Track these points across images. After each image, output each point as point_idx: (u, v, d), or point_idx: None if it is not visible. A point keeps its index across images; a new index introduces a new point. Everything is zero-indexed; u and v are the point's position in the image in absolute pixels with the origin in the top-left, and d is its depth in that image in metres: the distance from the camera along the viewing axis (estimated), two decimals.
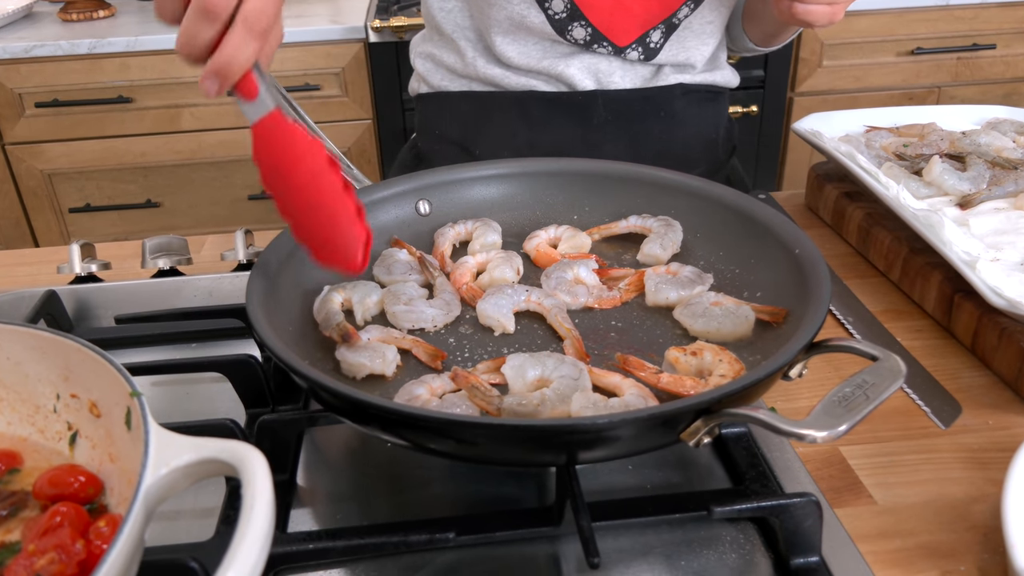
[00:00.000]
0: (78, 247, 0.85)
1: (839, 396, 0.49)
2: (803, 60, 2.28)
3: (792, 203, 1.05)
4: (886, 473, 0.63)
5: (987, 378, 0.73)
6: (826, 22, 0.90)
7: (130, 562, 0.41)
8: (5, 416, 0.58)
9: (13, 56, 2.02)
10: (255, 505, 0.40)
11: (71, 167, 2.18)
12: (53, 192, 2.21)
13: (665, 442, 0.53)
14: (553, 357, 0.59)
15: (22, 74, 2.05)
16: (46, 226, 2.25)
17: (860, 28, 2.24)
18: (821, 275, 0.63)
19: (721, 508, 0.53)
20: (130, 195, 2.24)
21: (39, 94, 2.08)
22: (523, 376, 0.58)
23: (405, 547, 0.52)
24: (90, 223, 2.27)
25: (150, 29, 2.11)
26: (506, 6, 0.98)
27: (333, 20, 2.15)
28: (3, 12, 2.14)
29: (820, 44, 2.25)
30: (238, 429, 0.61)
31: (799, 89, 2.32)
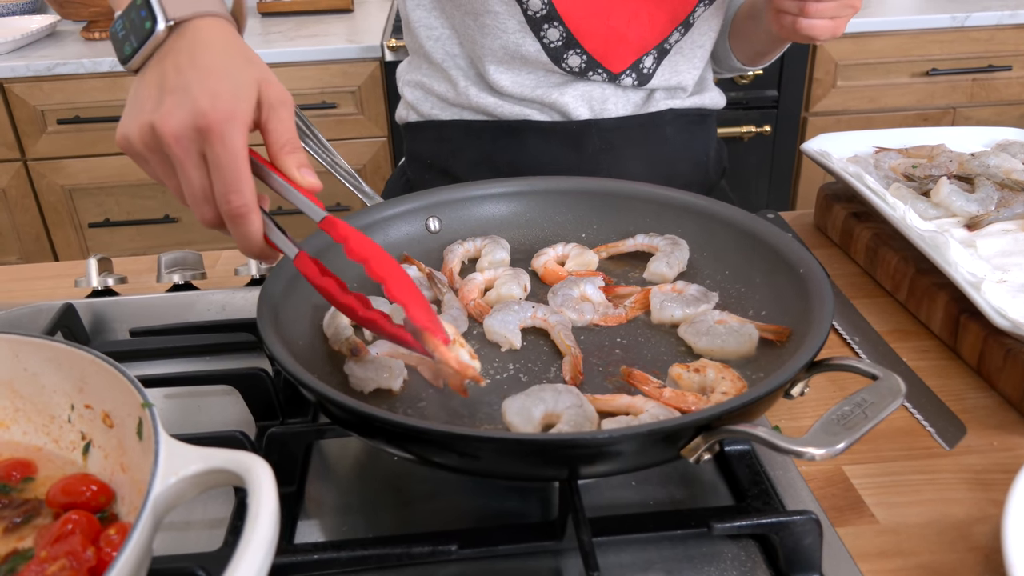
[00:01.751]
0: (95, 261, 0.87)
1: (838, 414, 0.50)
2: (817, 80, 2.28)
3: (801, 222, 1.06)
4: (888, 493, 0.63)
5: (992, 399, 0.73)
6: (828, 36, 0.92)
7: (137, 569, 0.42)
8: (21, 426, 0.59)
9: (36, 74, 2.07)
10: (260, 515, 0.41)
11: (91, 183, 2.22)
12: (73, 207, 2.25)
13: (666, 458, 0.53)
14: (547, 389, 0.60)
15: (45, 91, 2.09)
16: (66, 241, 2.29)
17: (875, 49, 2.25)
18: (824, 295, 0.64)
19: (721, 525, 0.54)
20: (148, 210, 2.28)
21: (61, 111, 2.12)
22: (530, 418, 0.58)
23: (408, 559, 0.52)
24: (109, 238, 2.30)
25: None
26: (501, 36, 0.98)
27: (349, 39, 2.18)
28: (28, 31, 2.19)
29: (834, 64, 2.26)
30: (247, 441, 0.62)
31: (813, 109, 2.32)
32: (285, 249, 0.62)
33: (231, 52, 0.61)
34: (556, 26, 0.97)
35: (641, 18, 0.98)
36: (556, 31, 0.97)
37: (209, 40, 0.61)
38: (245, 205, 0.57)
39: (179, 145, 0.57)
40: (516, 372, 0.67)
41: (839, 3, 0.90)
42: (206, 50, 0.60)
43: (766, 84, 2.29)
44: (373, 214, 0.82)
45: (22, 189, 2.21)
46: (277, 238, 0.62)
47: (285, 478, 0.63)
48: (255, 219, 0.59)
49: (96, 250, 2.32)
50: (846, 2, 0.90)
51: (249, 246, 0.60)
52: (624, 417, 0.58)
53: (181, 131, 0.56)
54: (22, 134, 2.15)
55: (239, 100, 0.57)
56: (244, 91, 0.58)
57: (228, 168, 0.56)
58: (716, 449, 0.52)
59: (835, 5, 0.90)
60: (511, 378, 0.66)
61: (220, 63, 0.59)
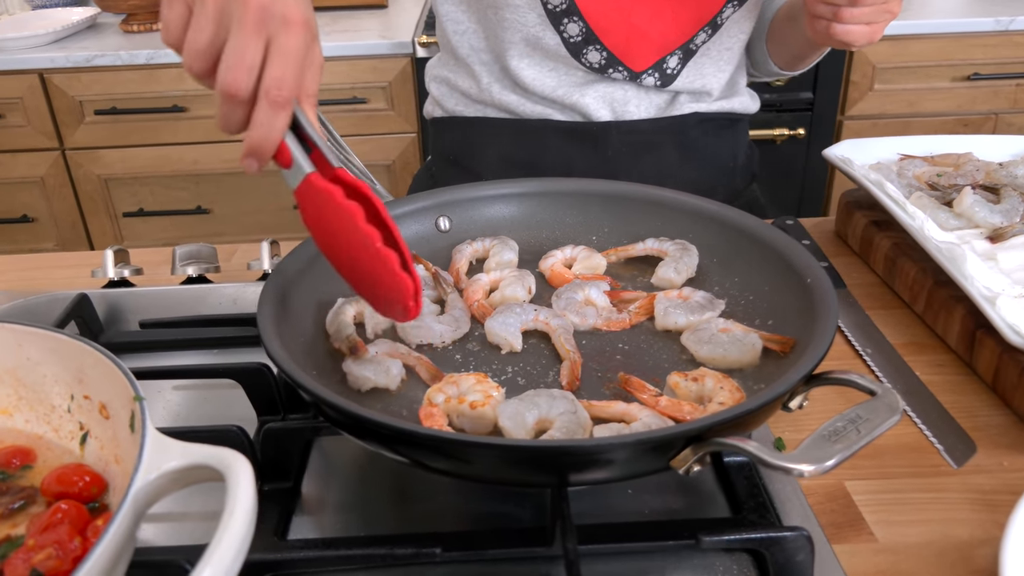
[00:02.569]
0: (112, 252, 0.88)
1: (830, 430, 0.49)
2: (854, 83, 2.24)
3: (822, 230, 1.04)
4: (890, 510, 0.62)
5: (1006, 417, 0.71)
6: (865, 42, 0.90)
7: (116, 560, 0.42)
8: (23, 414, 0.60)
9: (76, 65, 2.11)
10: (235, 511, 0.41)
11: (126, 173, 2.26)
12: (109, 196, 2.29)
13: (655, 468, 0.53)
14: (542, 395, 0.59)
15: (83, 82, 2.13)
16: (101, 229, 2.33)
17: (914, 52, 2.20)
18: (829, 306, 0.62)
19: (709, 537, 0.53)
20: (181, 201, 2.31)
21: (99, 102, 2.16)
22: (523, 424, 0.58)
23: (392, 560, 0.52)
24: (143, 227, 2.34)
25: None
26: (521, 29, 0.98)
27: (382, 35, 2.19)
28: (69, 22, 2.24)
29: (872, 67, 2.21)
30: (243, 436, 0.62)
31: (849, 112, 2.28)
32: (300, 161, 0.60)
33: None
34: (576, 21, 0.96)
35: (664, 16, 0.97)
36: (576, 26, 0.97)
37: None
38: (290, 97, 0.57)
39: (259, 14, 0.56)
40: (515, 375, 0.66)
41: (875, 8, 0.87)
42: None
43: (801, 86, 2.25)
44: None
45: (60, 178, 2.26)
46: (295, 148, 0.60)
47: (281, 474, 0.64)
48: (287, 116, 0.58)
49: (130, 239, 2.36)
50: (883, 7, 0.88)
51: (267, 137, 0.58)
52: (616, 425, 0.58)
53: (268, 6, 0.56)
54: (61, 124, 2.19)
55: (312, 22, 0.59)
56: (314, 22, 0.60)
57: (292, 59, 0.57)
58: (707, 461, 0.52)
59: (871, 10, 0.87)
60: (509, 381, 0.66)
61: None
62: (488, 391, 0.60)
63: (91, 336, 0.81)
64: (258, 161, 0.59)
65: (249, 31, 0.56)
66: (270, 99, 0.57)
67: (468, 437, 0.53)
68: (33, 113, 2.17)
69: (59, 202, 2.29)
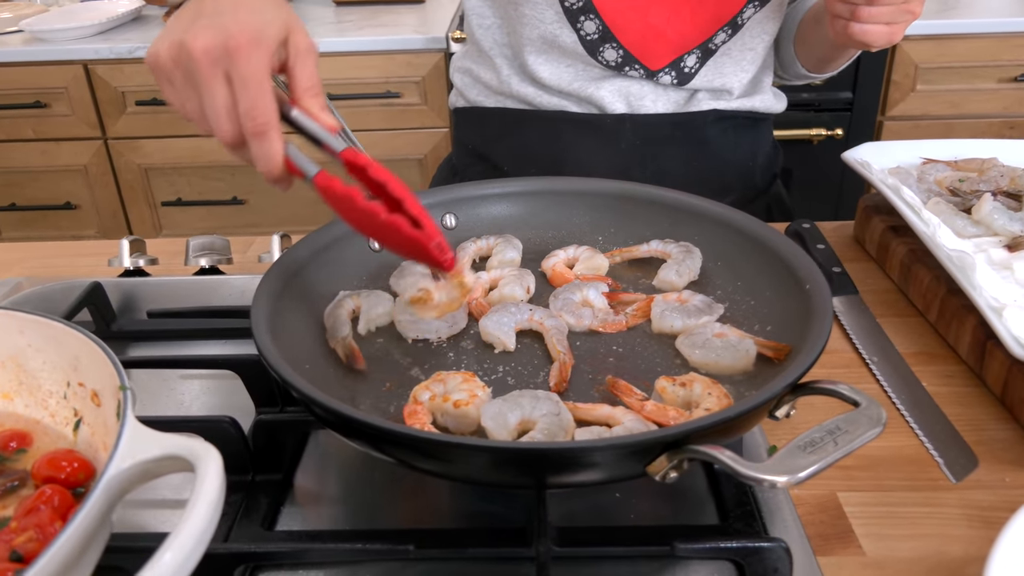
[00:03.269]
0: (127, 242, 0.91)
1: (806, 441, 0.48)
2: (895, 83, 2.19)
3: (840, 234, 1.02)
4: (882, 524, 0.60)
5: (1013, 432, 0.69)
6: (884, 43, 0.88)
7: (87, 543, 0.43)
8: (23, 399, 0.62)
9: (119, 56, 2.16)
10: (198, 503, 0.42)
11: (165, 163, 2.31)
12: (148, 186, 2.34)
13: (632, 474, 0.52)
14: (526, 395, 0.59)
15: (126, 73, 2.18)
16: (140, 218, 2.38)
17: (959, 52, 2.14)
18: (824, 315, 0.61)
19: (684, 545, 0.52)
20: (218, 192, 2.35)
21: (140, 93, 2.21)
22: (505, 424, 0.57)
23: (364, 555, 0.53)
24: (180, 217, 2.39)
25: None
26: (539, 26, 0.98)
27: (417, 30, 2.20)
28: (114, 15, 2.29)
29: (914, 67, 2.16)
30: (235, 427, 0.63)
31: (889, 113, 2.23)
32: (305, 168, 0.62)
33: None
34: (592, 19, 0.96)
35: (682, 15, 0.96)
36: (592, 24, 0.96)
37: None
38: (267, 123, 0.59)
39: (206, 58, 0.58)
40: (505, 375, 0.66)
41: (895, 8, 0.86)
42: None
43: (840, 85, 2.21)
44: None
45: (102, 167, 2.32)
46: (297, 158, 0.63)
47: (272, 466, 0.65)
48: (276, 137, 0.60)
49: (168, 228, 2.41)
50: (903, 7, 0.86)
51: (270, 166, 0.61)
52: (598, 428, 0.57)
53: (209, 47, 0.58)
54: (104, 114, 2.25)
55: (266, 30, 0.60)
56: (272, 26, 0.61)
57: (252, 85, 0.59)
58: (684, 468, 0.51)
59: (890, 10, 0.85)
60: (499, 380, 0.66)
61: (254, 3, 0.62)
62: (474, 390, 0.61)
63: (104, 324, 0.83)
64: (282, 185, 0.63)
65: (207, 79, 0.59)
66: (249, 132, 0.60)
67: (436, 435, 0.53)
68: (77, 103, 2.22)
69: (101, 190, 2.35)
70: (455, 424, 0.60)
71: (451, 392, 0.61)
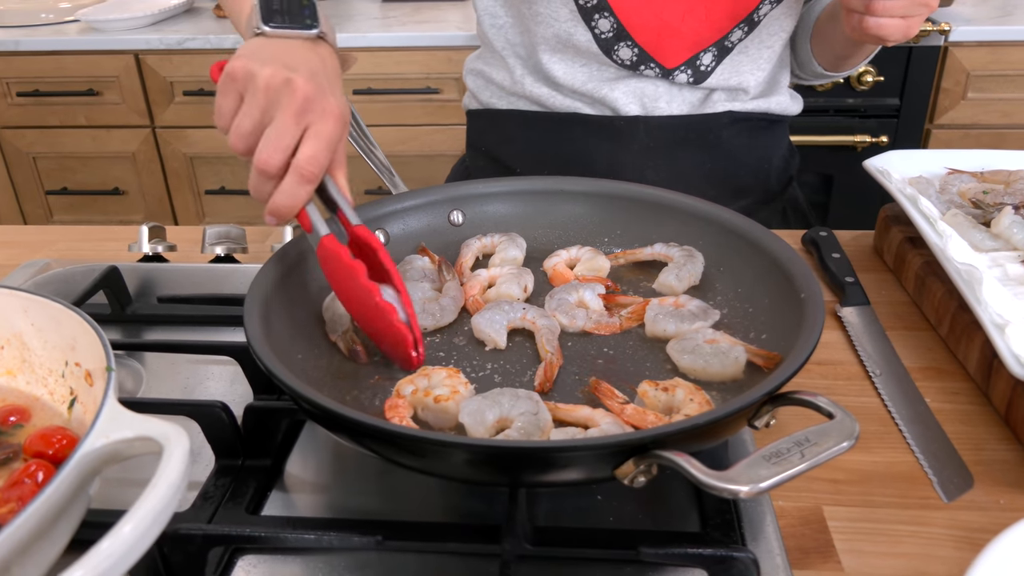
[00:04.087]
0: (147, 228, 0.93)
1: (772, 451, 0.47)
2: (944, 90, 2.13)
3: (860, 243, 1.00)
4: (865, 540, 0.59)
5: (1015, 454, 0.67)
6: (900, 37, 0.86)
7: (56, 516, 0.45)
8: (26, 375, 0.64)
9: (168, 47, 2.21)
10: (158, 483, 0.43)
11: (210, 152, 2.36)
12: (193, 174, 2.40)
13: (600, 476, 0.52)
14: (507, 394, 0.59)
15: (174, 64, 2.24)
16: (185, 205, 2.44)
17: (1014, 59, 2.08)
18: (813, 326, 0.60)
19: (649, 550, 0.52)
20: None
21: (188, 83, 2.26)
22: (483, 420, 0.58)
23: (333, 544, 0.54)
24: (223, 205, 2.44)
25: None
26: (553, 24, 0.98)
27: (459, 27, 2.21)
28: (167, 6, 2.35)
29: (965, 74, 2.10)
30: (225, 412, 0.65)
31: (938, 121, 2.17)
32: (317, 225, 0.67)
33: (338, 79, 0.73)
34: (606, 17, 0.95)
35: (697, 13, 0.95)
36: (607, 22, 0.96)
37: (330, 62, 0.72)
38: (317, 175, 0.65)
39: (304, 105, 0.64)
40: (492, 372, 0.67)
41: (909, 1, 0.84)
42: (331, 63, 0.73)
43: (887, 91, 2.16)
44: (397, 202, 0.84)
45: (149, 154, 2.38)
46: (313, 214, 0.67)
47: (261, 451, 0.66)
48: (310, 189, 0.66)
49: (211, 216, 2.46)
50: (919, 0, 0.84)
51: (288, 204, 0.66)
52: (572, 429, 0.57)
53: (312, 99, 0.65)
54: (152, 103, 2.31)
55: (346, 114, 0.69)
56: (346, 111, 0.69)
57: (324, 143, 0.65)
58: (653, 473, 0.51)
59: (905, 3, 0.84)
60: (486, 378, 0.66)
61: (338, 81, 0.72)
62: (456, 386, 0.61)
63: (119, 307, 0.86)
64: (277, 221, 0.67)
65: (291, 117, 0.64)
66: (299, 173, 0.64)
67: (399, 428, 0.53)
68: (128, 92, 2.28)
69: (148, 177, 2.41)
70: (435, 419, 0.60)
71: (433, 387, 0.61)
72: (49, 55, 2.24)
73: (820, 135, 2.19)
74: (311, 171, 0.64)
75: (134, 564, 0.42)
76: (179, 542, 0.54)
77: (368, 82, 2.24)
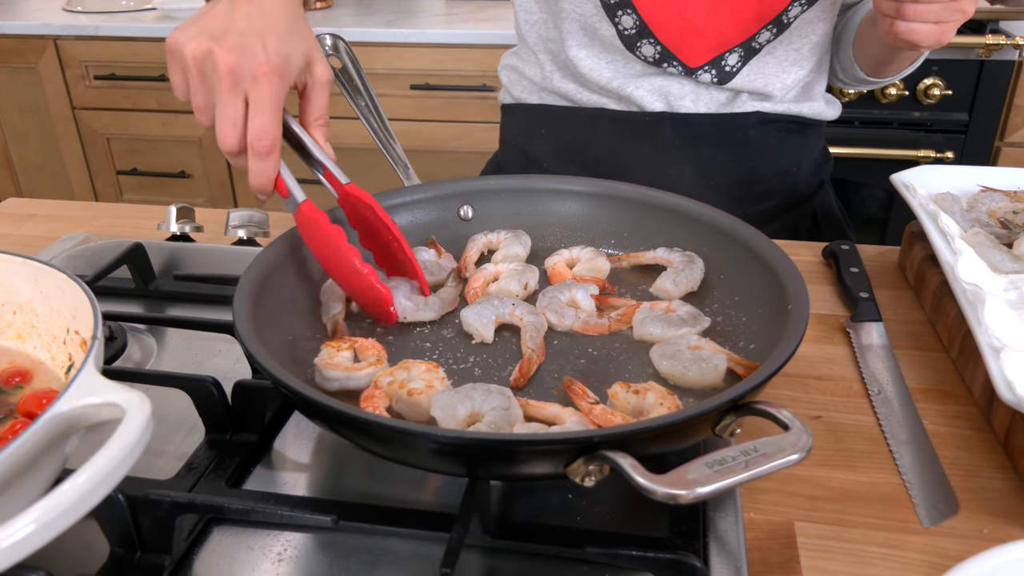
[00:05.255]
0: (175, 209, 0.97)
1: (717, 459, 0.47)
2: (1017, 107, 2.05)
3: (885, 259, 0.97)
4: (832, 559, 0.58)
5: (1009, 483, 0.64)
6: (933, 43, 0.84)
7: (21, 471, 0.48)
8: (33, 341, 0.68)
9: None
10: (111, 445, 0.45)
11: None
12: None
13: (551, 472, 0.52)
14: (479, 389, 0.60)
15: None
16: (245, 190, 2.52)
17: None
18: (792, 338, 0.59)
19: (594, 549, 0.52)
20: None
21: None
22: (454, 414, 0.59)
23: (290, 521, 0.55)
24: None
25: (359, 22, 2.30)
26: (579, 18, 0.99)
27: None
28: None
29: None
30: (215, 387, 0.67)
31: (1008, 139, 2.09)
32: (294, 192, 0.70)
33: (293, 21, 0.69)
34: (630, 13, 0.95)
35: (722, 12, 0.94)
36: (630, 18, 0.96)
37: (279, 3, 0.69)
38: (271, 146, 0.66)
39: (230, 78, 0.64)
40: (473, 365, 0.68)
41: (942, 6, 0.81)
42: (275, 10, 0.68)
43: (955, 106, 2.08)
44: (408, 194, 0.85)
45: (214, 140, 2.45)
46: (289, 181, 0.70)
47: (247, 427, 0.68)
48: (275, 159, 0.67)
49: (269, 202, 2.53)
50: (952, 5, 0.81)
51: (261, 182, 0.68)
52: (535, 425, 0.58)
53: (235, 68, 0.64)
54: None
55: (290, 62, 0.66)
56: (296, 57, 0.67)
57: (267, 111, 0.65)
58: (604, 473, 0.51)
59: (938, 8, 0.81)
60: (466, 370, 0.67)
61: (284, 27, 0.67)
62: (432, 381, 0.62)
63: (142, 282, 0.90)
64: (265, 195, 0.69)
65: (226, 94, 0.65)
66: (254, 150, 0.66)
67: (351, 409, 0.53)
68: None
69: (211, 162, 2.49)
70: (408, 411, 0.61)
71: (410, 380, 0.62)
72: (125, 41, 2.34)
73: (882, 148, 2.12)
74: (263, 144, 0.65)
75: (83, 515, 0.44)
76: (148, 507, 0.56)
77: (426, 78, 2.27)
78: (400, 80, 2.28)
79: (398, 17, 2.39)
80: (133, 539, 0.57)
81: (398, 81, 2.29)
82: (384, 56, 2.27)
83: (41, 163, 2.59)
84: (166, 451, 0.69)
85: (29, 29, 2.37)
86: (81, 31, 2.35)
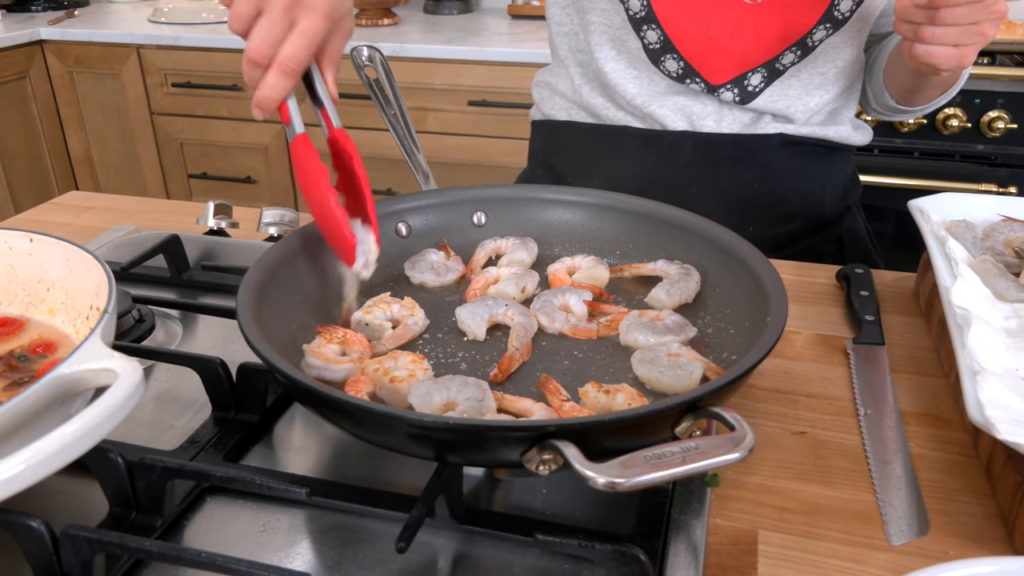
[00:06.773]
0: (213, 205, 1.03)
1: (656, 453, 0.49)
2: None
3: (900, 285, 0.96)
4: (791, 569, 0.59)
5: (986, 509, 0.64)
6: (953, 66, 0.83)
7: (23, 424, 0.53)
8: (61, 316, 0.74)
9: None
10: (96, 405, 0.50)
11: None
12: None
13: (509, 460, 0.54)
14: (456, 380, 0.62)
15: None
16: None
17: None
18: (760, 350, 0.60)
19: (544, 537, 0.54)
20: (375, 182, 2.53)
21: None
22: (430, 402, 0.61)
23: (266, 490, 0.59)
24: None
25: (424, 39, 2.38)
26: (608, 30, 1.01)
27: None
28: None
29: None
30: (221, 368, 0.71)
31: None
32: (295, 121, 0.74)
33: None
34: (654, 28, 0.98)
35: (745, 32, 0.96)
36: (654, 33, 0.98)
37: None
38: (296, 69, 0.70)
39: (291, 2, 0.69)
40: (461, 360, 0.70)
41: (961, 29, 0.81)
42: None
43: (1020, 140, 2.03)
44: (424, 199, 0.89)
45: (280, 147, 2.56)
46: (293, 110, 0.74)
47: (249, 407, 0.73)
48: (292, 82, 0.71)
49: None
50: (972, 29, 0.81)
51: (269, 96, 0.71)
52: (506, 417, 0.60)
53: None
54: None
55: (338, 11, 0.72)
56: (342, 10, 0.73)
57: (307, 40, 0.70)
58: (559, 463, 0.53)
59: (957, 31, 0.81)
60: (454, 364, 0.70)
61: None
62: (415, 371, 0.65)
63: (177, 272, 0.96)
64: (262, 112, 0.72)
65: (280, 11, 0.69)
66: (280, 67, 0.69)
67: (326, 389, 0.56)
68: None
69: (276, 169, 2.60)
70: (389, 397, 0.64)
71: (394, 369, 0.65)
72: (202, 51, 2.47)
73: (943, 180, 2.08)
74: (291, 66, 0.69)
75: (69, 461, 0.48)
76: (143, 470, 0.60)
77: (483, 94, 2.32)
78: (458, 96, 2.34)
79: (461, 35, 2.46)
80: (129, 499, 0.62)
81: (456, 97, 2.35)
82: (442, 72, 2.33)
83: (120, 164, 2.74)
84: (175, 426, 0.74)
85: (115, 38, 2.52)
86: (162, 41, 2.48)
